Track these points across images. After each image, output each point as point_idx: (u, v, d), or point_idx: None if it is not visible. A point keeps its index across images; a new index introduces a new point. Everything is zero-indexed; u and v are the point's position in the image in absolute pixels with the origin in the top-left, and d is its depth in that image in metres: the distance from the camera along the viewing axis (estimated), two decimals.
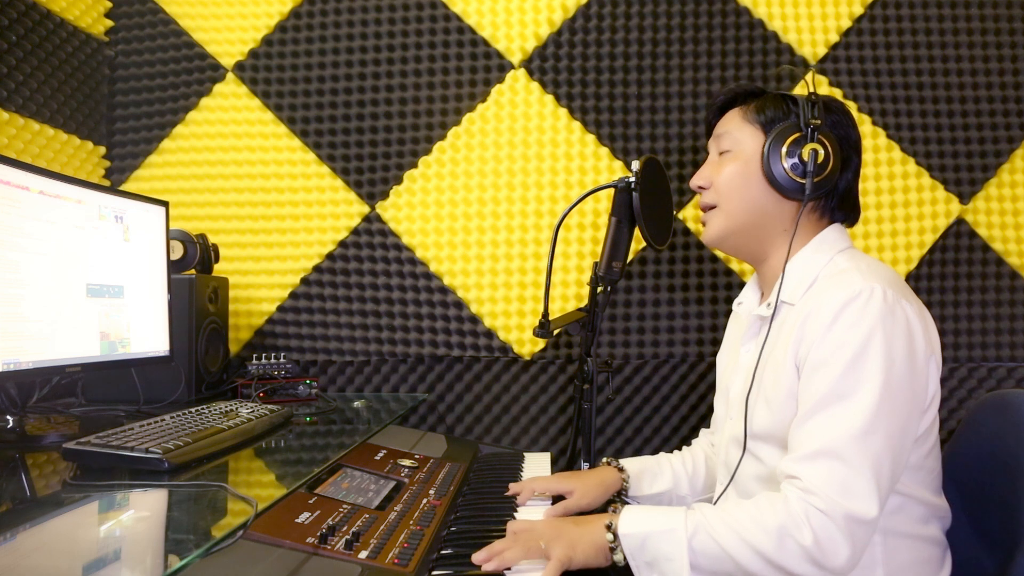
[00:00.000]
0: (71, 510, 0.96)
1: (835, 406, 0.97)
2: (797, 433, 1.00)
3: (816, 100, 1.11)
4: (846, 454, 0.94)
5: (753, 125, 1.16)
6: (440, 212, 1.99)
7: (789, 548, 0.92)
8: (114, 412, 1.56)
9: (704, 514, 0.99)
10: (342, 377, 2.02)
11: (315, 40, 2.03)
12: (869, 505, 0.92)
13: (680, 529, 0.97)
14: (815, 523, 0.92)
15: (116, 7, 2.08)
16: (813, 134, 1.09)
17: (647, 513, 1.03)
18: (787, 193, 1.12)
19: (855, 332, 0.98)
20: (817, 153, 1.08)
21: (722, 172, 1.18)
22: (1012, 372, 1.92)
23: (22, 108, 1.73)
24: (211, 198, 2.04)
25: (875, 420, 0.94)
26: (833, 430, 0.95)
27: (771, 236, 1.17)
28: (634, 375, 1.96)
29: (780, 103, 1.16)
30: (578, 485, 1.32)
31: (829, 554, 0.92)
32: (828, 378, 0.98)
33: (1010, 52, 1.94)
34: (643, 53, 1.98)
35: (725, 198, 1.17)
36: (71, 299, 1.38)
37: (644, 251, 1.96)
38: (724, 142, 1.19)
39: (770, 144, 1.11)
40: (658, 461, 1.42)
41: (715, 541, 0.96)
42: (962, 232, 1.94)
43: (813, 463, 0.95)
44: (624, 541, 1.00)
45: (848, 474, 0.93)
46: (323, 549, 0.94)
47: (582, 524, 1.05)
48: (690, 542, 0.96)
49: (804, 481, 0.95)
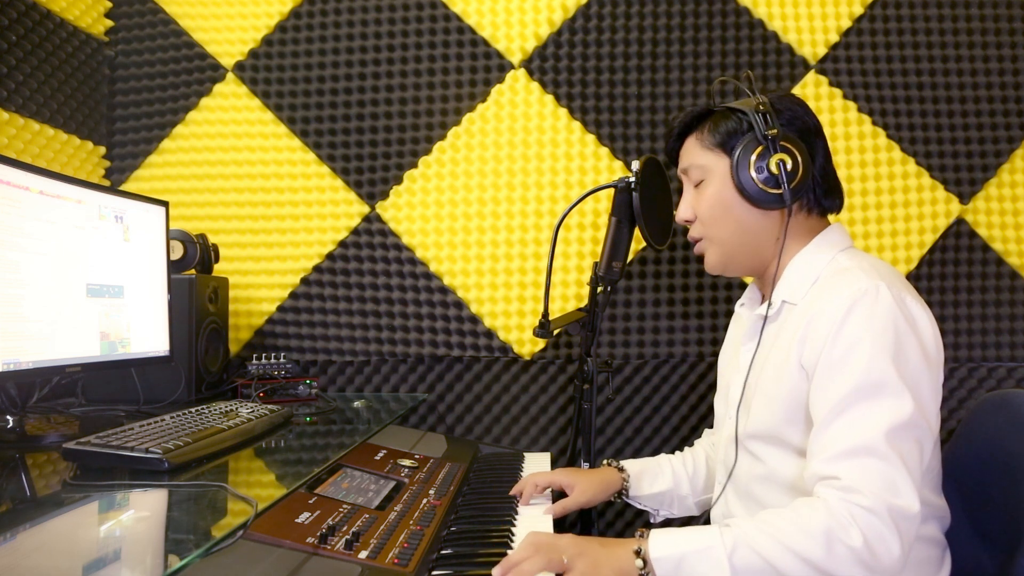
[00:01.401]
0: (71, 510, 0.96)
1: (862, 404, 0.95)
2: (823, 434, 0.97)
3: (764, 108, 1.09)
4: (882, 450, 0.92)
5: (713, 151, 1.15)
6: (440, 212, 1.99)
7: (839, 553, 0.89)
8: (114, 412, 1.56)
9: (741, 528, 0.94)
10: (342, 377, 2.02)
11: (315, 40, 2.03)
12: (912, 499, 0.90)
13: (718, 546, 0.92)
14: (862, 523, 0.89)
15: (116, 7, 2.08)
16: (775, 145, 1.08)
17: (678, 533, 0.96)
18: (769, 205, 1.11)
19: (868, 329, 0.97)
20: (784, 163, 1.07)
21: (702, 204, 1.17)
22: (1012, 372, 1.92)
23: (22, 108, 1.73)
24: (211, 198, 2.04)
25: (902, 415, 0.94)
26: (865, 427, 0.94)
27: (766, 247, 1.16)
28: (634, 375, 1.96)
29: (730, 117, 1.14)
30: (579, 480, 1.32)
31: (880, 554, 0.89)
32: (849, 377, 0.96)
33: (1010, 52, 1.94)
34: (643, 53, 1.98)
35: (712, 229, 1.17)
36: (71, 299, 1.38)
37: (644, 251, 1.96)
38: (693, 174, 1.19)
39: (737, 166, 1.10)
40: (658, 461, 1.42)
41: (758, 554, 0.91)
42: (962, 232, 1.94)
43: (849, 461, 0.93)
44: (657, 566, 0.93)
45: (887, 469, 0.91)
46: (323, 549, 0.94)
47: (608, 546, 0.98)
48: (731, 559, 0.91)
49: (844, 480, 0.92)
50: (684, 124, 1.21)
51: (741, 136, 1.12)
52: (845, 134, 1.94)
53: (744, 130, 1.12)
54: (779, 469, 1.09)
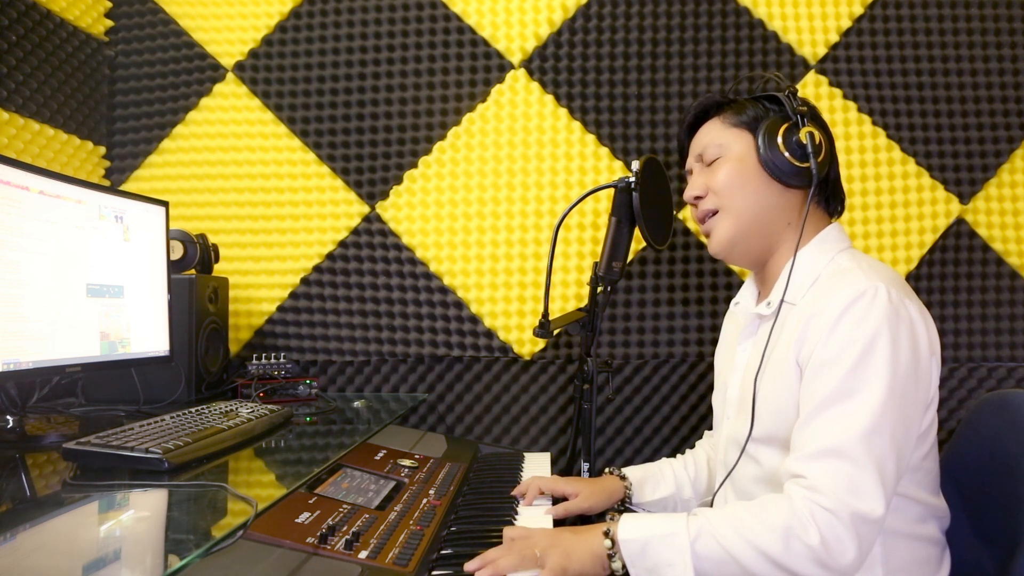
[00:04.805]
0: (71, 510, 0.96)
1: (840, 405, 0.96)
2: (801, 432, 0.99)
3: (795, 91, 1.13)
4: (852, 453, 0.93)
5: (736, 128, 1.16)
6: (440, 212, 1.99)
7: (795, 549, 0.91)
8: (114, 412, 1.56)
9: (707, 517, 0.97)
10: (342, 377, 2.02)
11: (315, 40, 2.03)
12: (875, 504, 0.91)
13: (682, 533, 0.95)
14: (821, 522, 0.91)
15: (116, 7, 2.08)
16: (803, 119, 1.10)
17: (647, 519, 1.01)
18: (790, 181, 1.11)
19: (860, 331, 0.97)
20: (814, 135, 1.09)
21: (718, 176, 1.16)
22: (1012, 372, 1.92)
23: (22, 108, 1.73)
24: (211, 198, 2.04)
25: (880, 419, 0.94)
26: (838, 429, 0.95)
27: (778, 231, 1.16)
28: (634, 375, 1.96)
29: (756, 104, 1.17)
30: (582, 488, 1.31)
31: (836, 554, 0.90)
32: (833, 377, 0.97)
33: (1010, 52, 1.94)
34: (643, 53, 1.98)
35: (727, 199, 1.16)
36: (71, 299, 1.38)
37: (644, 251, 1.96)
38: (710, 152, 1.18)
39: (764, 137, 1.11)
40: (659, 467, 1.41)
41: (719, 544, 0.94)
42: (962, 232, 1.94)
43: (818, 462, 0.94)
44: (624, 547, 0.97)
45: (854, 473, 0.92)
46: (323, 549, 0.94)
47: (579, 533, 1.02)
48: (693, 546, 0.94)
49: (809, 479, 0.94)
50: (704, 108, 1.22)
51: (765, 118, 1.14)
52: (845, 134, 1.94)
53: (768, 114, 1.14)
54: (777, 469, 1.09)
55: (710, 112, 1.21)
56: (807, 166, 1.09)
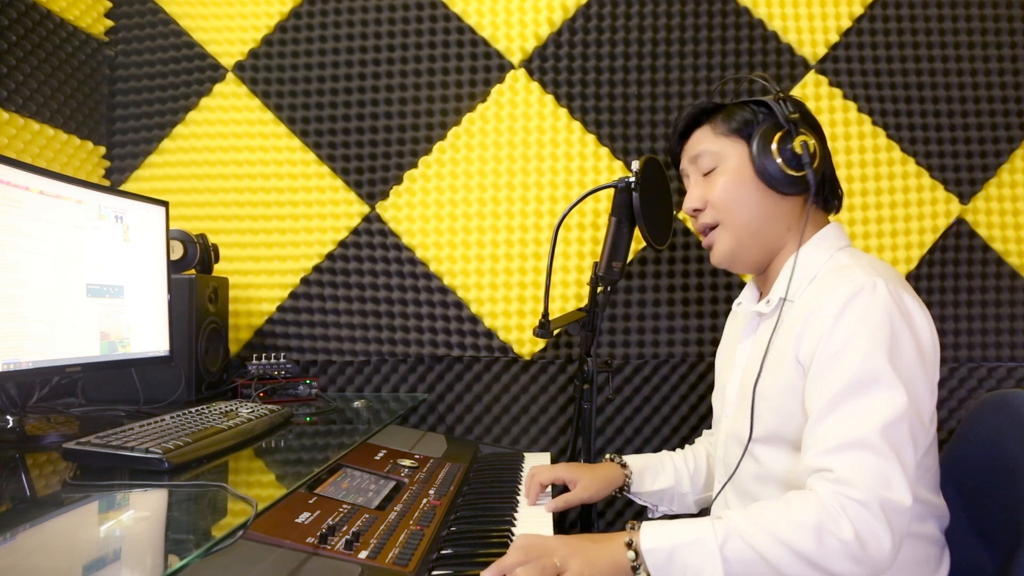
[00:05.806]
0: (71, 510, 0.96)
1: (857, 398, 0.95)
2: (817, 427, 0.97)
3: (785, 97, 1.12)
4: (876, 444, 0.92)
5: (728, 137, 1.16)
6: (440, 212, 1.99)
7: (829, 545, 0.89)
8: (114, 412, 1.56)
9: (733, 520, 0.94)
10: (342, 377, 2.02)
11: (315, 40, 2.03)
12: (904, 493, 0.91)
13: (709, 538, 0.92)
14: (853, 515, 0.89)
15: (116, 7, 2.08)
16: (796, 128, 1.10)
17: (669, 526, 0.96)
18: (787, 190, 1.12)
19: (864, 324, 0.98)
20: (808, 144, 1.09)
21: (715, 188, 1.16)
22: (1012, 372, 1.92)
23: (22, 108, 1.73)
24: (211, 198, 2.04)
25: (896, 409, 0.94)
26: (859, 421, 0.94)
27: (777, 238, 1.16)
28: (634, 375, 1.96)
29: (745, 109, 1.16)
30: (582, 475, 1.31)
31: (871, 547, 0.89)
32: (843, 372, 0.97)
33: (1010, 52, 1.94)
34: (643, 53, 1.98)
35: (726, 212, 1.16)
36: (71, 299, 1.38)
37: (644, 251, 1.96)
38: (705, 162, 1.18)
39: (758, 147, 1.11)
40: (660, 458, 1.42)
41: (749, 546, 0.91)
42: (962, 232, 1.94)
43: (843, 454, 0.93)
44: (648, 557, 0.93)
45: (880, 463, 0.91)
46: (323, 549, 0.94)
47: (599, 541, 0.98)
48: (722, 550, 0.91)
49: (836, 472, 0.92)
50: (694, 115, 1.21)
51: (757, 124, 1.13)
52: (845, 134, 1.94)
53: (759, 120, 1.14)
54: (778, 467, 1.09)
55: (701, 118, 1.20)
56: (803, 174, 1.09)
